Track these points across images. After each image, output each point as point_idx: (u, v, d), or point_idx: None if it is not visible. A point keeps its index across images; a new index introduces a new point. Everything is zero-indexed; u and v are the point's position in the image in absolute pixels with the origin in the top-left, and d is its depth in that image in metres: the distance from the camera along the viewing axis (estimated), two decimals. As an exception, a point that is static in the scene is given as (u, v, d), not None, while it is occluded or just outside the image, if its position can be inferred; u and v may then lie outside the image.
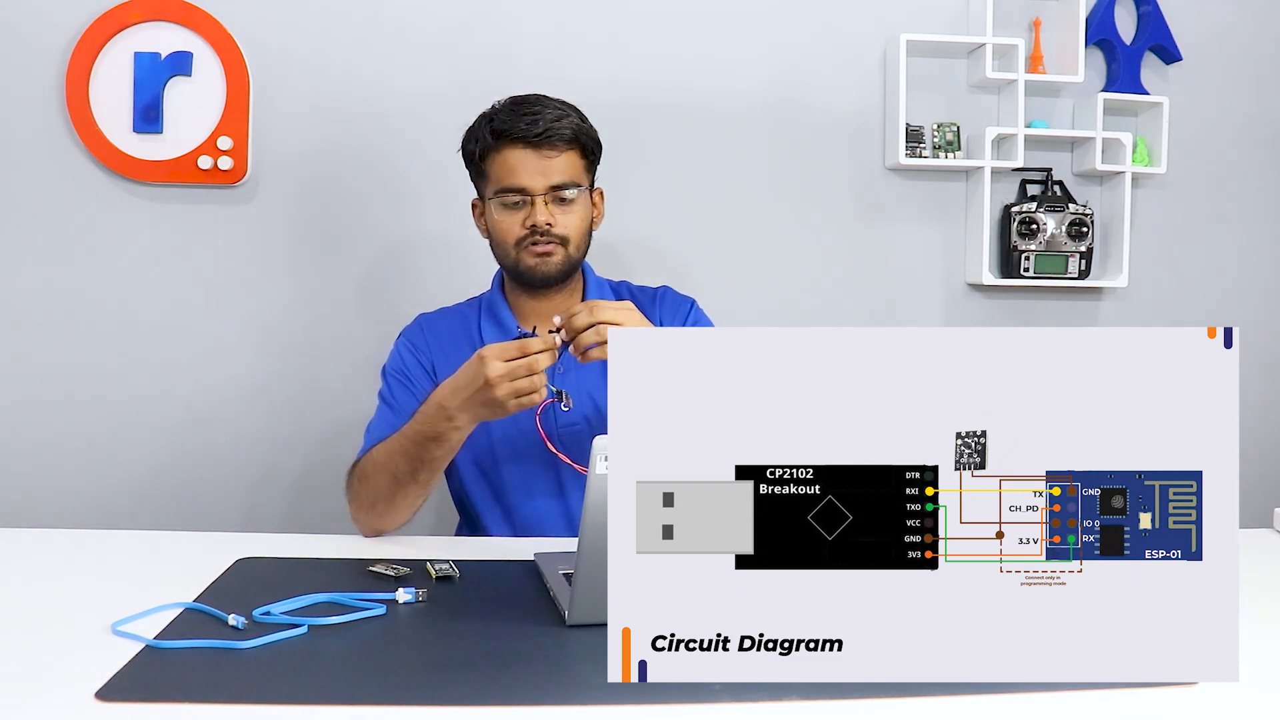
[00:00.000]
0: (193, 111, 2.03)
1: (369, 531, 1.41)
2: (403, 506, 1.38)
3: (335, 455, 2.07)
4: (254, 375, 2.09)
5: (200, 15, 2.02)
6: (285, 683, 0.87)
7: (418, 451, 1.32)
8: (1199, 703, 0.84)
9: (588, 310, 1.26)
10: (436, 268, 2.08)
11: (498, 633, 1.00)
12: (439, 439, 1.31)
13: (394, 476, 1.35)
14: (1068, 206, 2.20)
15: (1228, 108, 2.30)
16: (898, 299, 2.24)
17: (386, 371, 1.53)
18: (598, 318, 1.25)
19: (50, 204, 2.04)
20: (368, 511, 1.39)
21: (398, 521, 1.40)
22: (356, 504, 1.41)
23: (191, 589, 1.10)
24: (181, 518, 2.04)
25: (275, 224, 2.08)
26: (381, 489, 1.36)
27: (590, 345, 1.25)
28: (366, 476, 1.39)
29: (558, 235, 1.44)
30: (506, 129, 1.44)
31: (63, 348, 2.05)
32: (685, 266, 2.14)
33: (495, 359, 1.23)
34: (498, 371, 1.22)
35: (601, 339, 1.24)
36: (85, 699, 0.82)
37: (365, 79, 2.08)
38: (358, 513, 1.41)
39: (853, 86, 2.21)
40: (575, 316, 1.26)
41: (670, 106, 2.15)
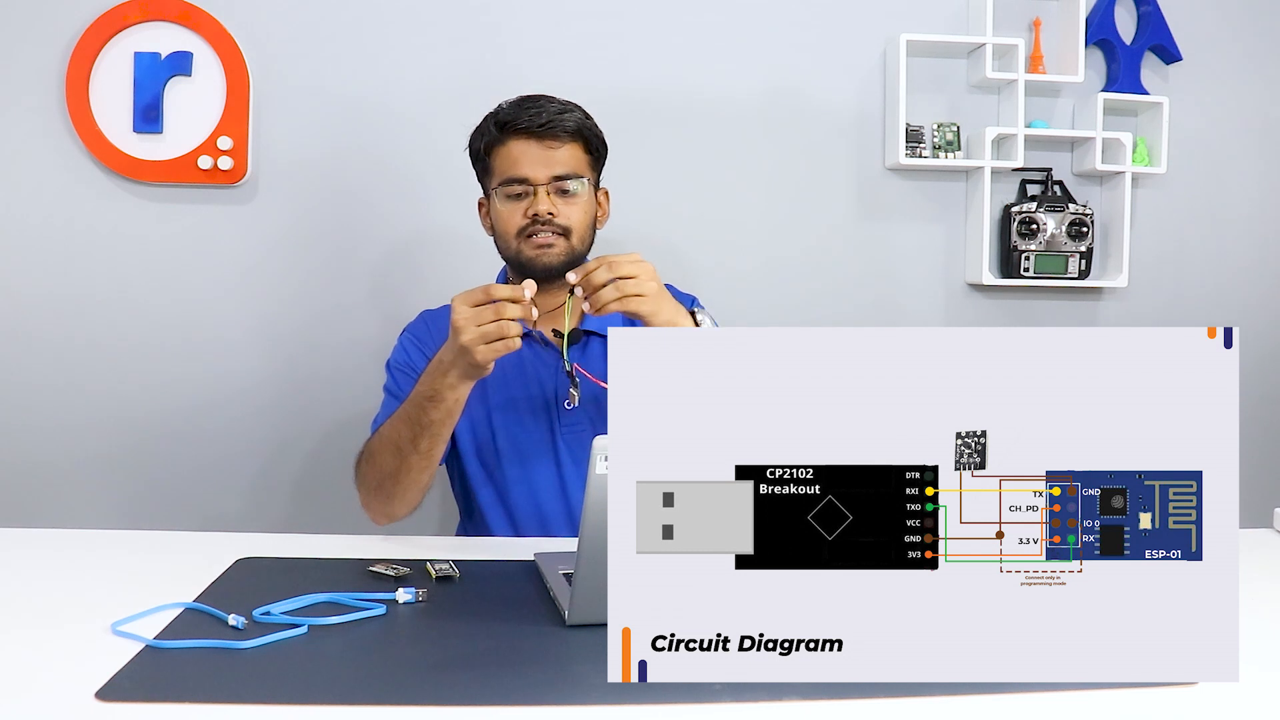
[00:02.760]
0: (193, 111, 2.03)
1: (381, 518, 1.41)
2: (408, 484, 1.37)
3: (336, 455, 2.08)
4: (254, 375, 2.09)
5: (200, 15, 2.02)
6: (285, 683, 0.87)
7: (417, 415, 1.33)
8: (1199, 703, 0.84)
9: (606, 266, 1.27)
10: (437, 267, 2.08)
11: (498, 633, 1.00)
12: (435, 398, 1.31)
13: (397, 447, 1.36)
14: (1068, 206, 2.20)
15: (1228, 108, 2.30)
16: (898, 299, 2.24)
17: (391, 365, 1.54)
18: (616, 273, 1.27)
19: (50, 204, 2.04)
20: (375, 493, 1.40)
21: (406, 502, 1.40)
22: (365, 488, 1.42)
23: (191, 589, 1.10)
24: (181, 518, 2.05)
25: (275, 224, 2.09)
26: (387, 464, 1.37)
27: (610, 300, 1.27)
28: (373, 454, 1.40)
29: (559, 226, 1.44)
30: (511, 120, 1.45)
31: (62, 348, 2.06)
32: (686, 266, 2.14)
33: (461, 303, 1.25)
34: (463, 315, 1.24)
35: (621, 294, 1.26)
36: (85, 699, 0.82)
37: (365, 79, 2.08)
38: (366, 497, 1.42)
39: (853, 86, 2.21)
40: (594, 273, 1.28)
41: (670, 106, 2.15)
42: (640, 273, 1.28)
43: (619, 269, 1.27)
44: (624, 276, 1.27)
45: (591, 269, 1.28)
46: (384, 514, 1.42)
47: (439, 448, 1.36)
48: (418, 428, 1.33)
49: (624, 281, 1.27)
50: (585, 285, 1.28)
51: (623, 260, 1.28)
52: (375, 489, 1.40)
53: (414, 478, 1.37)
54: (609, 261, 1.28)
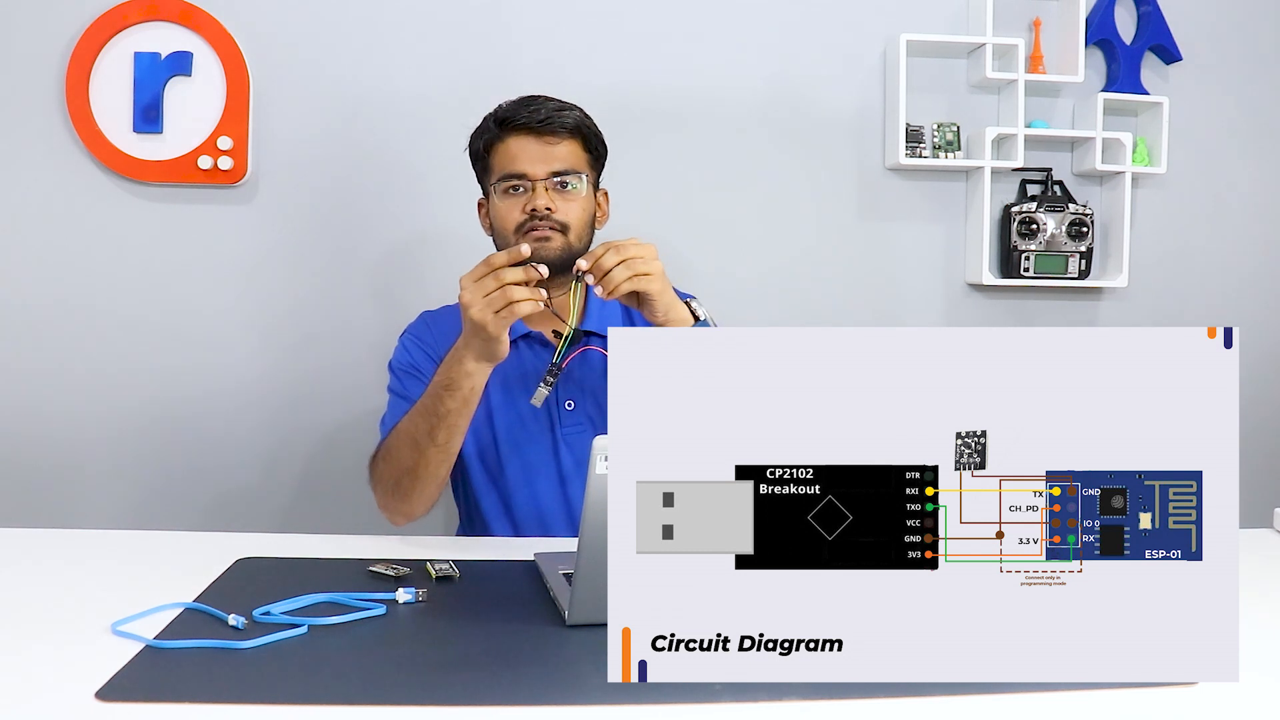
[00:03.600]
0: (193, 111, 2.03)
1: (399, 518, 1.41)
2: (426, 478, 1.37)
3: (336, 455, 2.08)
4: (254, 375, 2.09)
5: (200, 15, 2.02)
6: (285, 683, 0.87)
7: (434, 405, 1.33)
8: (1199, 703, 0.84)
9: (613, 250, 1.30)
10: (437, 267, 2.08)
11: (498, 633, 1.00)
12: (451, 386, 1.32)
13: (414, 441, 1.36)
14: (1068, 206, 2.20)
15: (1228, 108, 2.30)
16: (898, 299, 2.24)
17: (393, 366, 1.54)
18: (623, 255, 1.29)
19: (50, 204, 2.04)
20: (393, 492, 1.40)
21: (425, 499, 1.40)
22: (381, 487, 1.42)
23: (191, 589, 1.10)
24: (181, 518, 2.05)
25: (275, 224, 2.09)
26: (405, 459, 1.37)
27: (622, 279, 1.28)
28: (389, 452, 1.40)
29: (557, 221, 1.44)
30: (510, 117, 1.46)
31: (62, 348, 2.06)
32: (685, 266, 2.14)
33: (465, 281, 1.28)
34: (469, 291, 1.27)
35: (633, 272, 1.29)
36: (85, 699, 0.82)
37: (365, 79, 2.09)
38: (384, 498, 1.42)
39: (853, 86, 2.21)
40: (602, 258, 1.29)
41: (670, 106, 2.15)
42: (645, 252, 1.31)
43: (625, 250, 1.30)
44: (631, 257, 1.29)
45: (599, 254, 1.30)
46: (402, 513, 1.42)
47: (456, 440, 1.36)
48: (434, 418, 1.33)
49: (633, 260, 1.29)
50: (595, 270, 1.30)
51: (627, 243, 1.31)
52: (393, 487, 1.40)
53: (432, 471, 1.37)
54: (614, 245, 1.30)
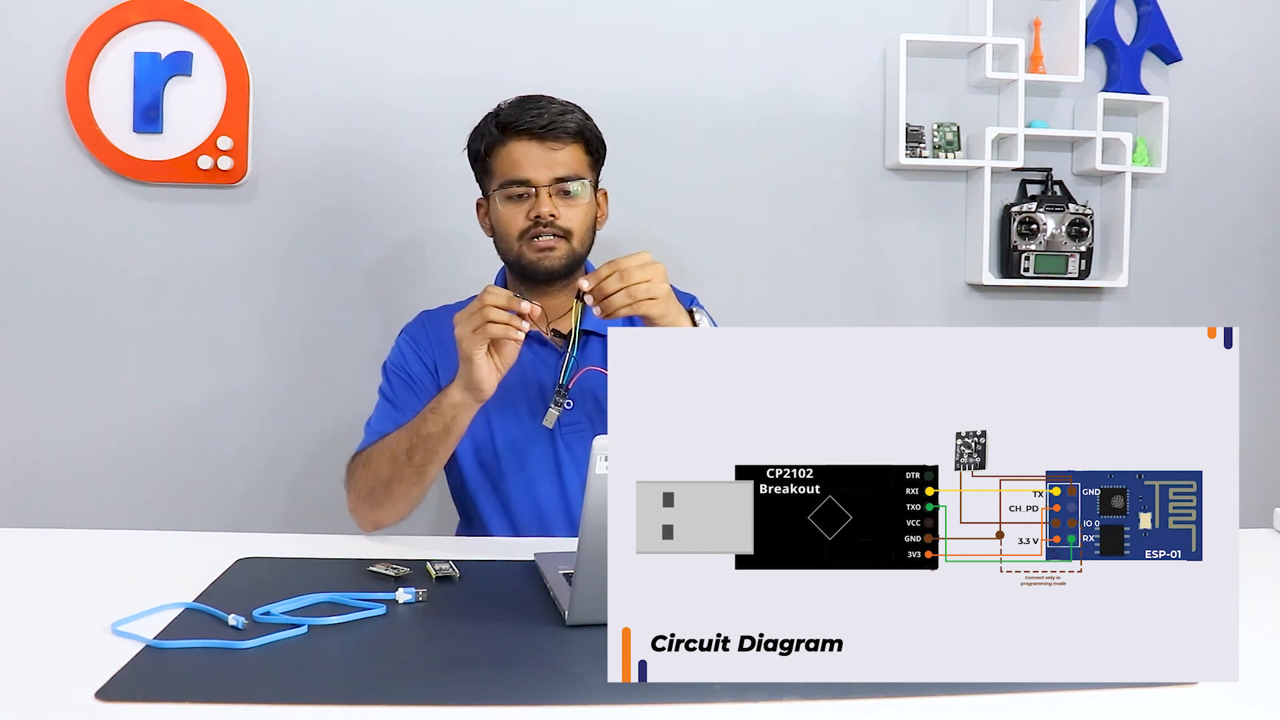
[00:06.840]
0: (193, 111, 2.03)
1: (366, 524, 1.42)
2: (398, 495, 1.38)
3: (335, 455, 2.07)
4: (253, 375, 2.09)
5: (200, 15, 2.02)
6: (285, 683, 0.87)
7: (418, 424, 1.35)
8: (1199, 703, 0.84)
9: (618, 275, 1.28)
10: (437, 267, 2.09)
11: (498, 633, 1.00)
12: (435, 409, 1.34)
13: (393, 455, 1.37)
14: (1068, 206, 2.20)
15: (1228, 108, 2.30)
16: (898, 299, 2.24)
17: (387, 368, 1.54)
18: (628, 281, 1.28)
19: (50, 204, 2.04)
20: (365, 499, 1.41)
21: (393, 514, 1.41)
22: (355, 492, 1.42)
23: (191, 589, 1.10)
24: (181, 518, 2.05)
25: (275, 224, 2.09)
26: (381, 471, 1.38)
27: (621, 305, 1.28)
28: (370, 459, 1.41)
29: (561, 228, 1.44)
30: (512, 121, 1.45)
31: (62, 348, 2.05)
32: (686, 265, 2.14)
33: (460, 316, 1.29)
34: (458, 322, 1.29)
35: (632, 300, 1.28)
36: (85, 699, 0.82)
37: (365, 79, 2.08)
38: (354, 501, 1.43)
39: (853, 86, 2.21)
40: (605, 280, 1.28)
41: (670, 106, 2.15)
42: (652, 275, 1.29)
43: (630, 276, 1.28)
44: (636, 283, 1.28)
45: (604, 276, 1.28)
46: (369, 520, 1.42)
47: (431, 467, 1.37)
48: (415, 438, 1.35)
49: (635, 287, 1.28)
50: (596, 293, 1.29)
51: (633, 266, 1.29)
52: (366, 494, 1.41)
53: (404, 490, 1.38)
54: (620, 269, 1.28)
